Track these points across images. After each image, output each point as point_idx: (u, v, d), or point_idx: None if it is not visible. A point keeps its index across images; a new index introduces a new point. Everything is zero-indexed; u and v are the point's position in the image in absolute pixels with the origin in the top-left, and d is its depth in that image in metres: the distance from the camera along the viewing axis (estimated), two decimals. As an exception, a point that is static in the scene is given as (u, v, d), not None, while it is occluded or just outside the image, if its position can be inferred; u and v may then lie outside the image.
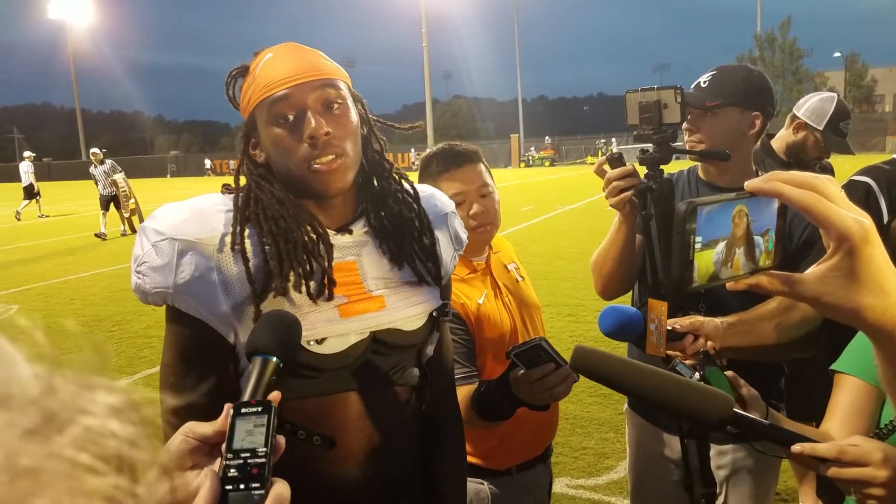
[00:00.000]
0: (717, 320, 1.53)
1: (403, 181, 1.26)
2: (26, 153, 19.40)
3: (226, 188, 1.19)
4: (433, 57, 53.71)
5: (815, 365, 1.60)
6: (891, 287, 0.59)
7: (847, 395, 1.28)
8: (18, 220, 17.87)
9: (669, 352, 1.49)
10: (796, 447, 0.86)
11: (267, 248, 1.09)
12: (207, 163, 54.27)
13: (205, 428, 0.77)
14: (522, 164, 43.86)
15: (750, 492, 1.89)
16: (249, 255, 1.07)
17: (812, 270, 0.61)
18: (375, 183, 1.23)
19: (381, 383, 1.17)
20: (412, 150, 45.51)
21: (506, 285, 1.82)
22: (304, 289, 1.09)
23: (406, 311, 1.19)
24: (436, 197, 1.32)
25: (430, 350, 1.27)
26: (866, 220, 0.59)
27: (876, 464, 0.93)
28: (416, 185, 1.29)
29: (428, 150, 1.83)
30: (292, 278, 1.08)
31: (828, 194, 0.59)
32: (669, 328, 1.46)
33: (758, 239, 0.67)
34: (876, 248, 0.59)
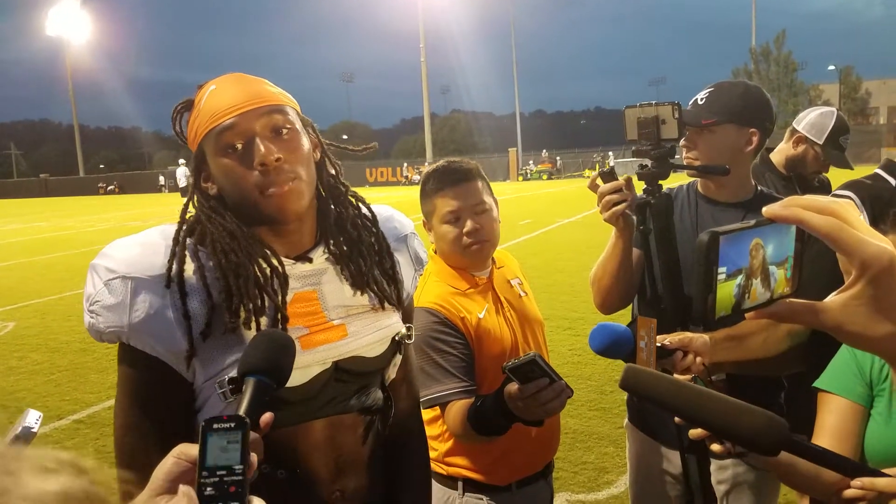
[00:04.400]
0: (706, 336, 1.53)
1: (361, 205, 1.25)
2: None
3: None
4: (431, 72, 53.93)
5: (811, 378, 1.60)
6: None
7: (833, 417, 1.28)
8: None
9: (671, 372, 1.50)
10: (856, 482, 0.85)
11: (210, 280, 1.06)
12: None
13: (196, 450, 0.75)
14: (521, 178, 43.98)
15: (751, 507, 1.88)
16: (199, 289, 1.05)
17: (834, 299, 0.59)
18: (333, 208, 1.22)
19: (344, 410, 1.16)
20: (404, 163, 45.55)
21: (508, 300, 1.82)
22: (254, 325, 1.06)
23: (368, 337, 1.18)
24: (394, 219, 1.32)
25: (392, 372, 1.26)
26: (889, 246, 0.57)
27: None
28: (374, 207, 1.28)
29: (429, 167, 1.85)
30: (242, 314, 1.05)
31: (849, 220, 0.57)
32: (659, 345, 1.47)
33: (772, 268, 0.66)
34: None
